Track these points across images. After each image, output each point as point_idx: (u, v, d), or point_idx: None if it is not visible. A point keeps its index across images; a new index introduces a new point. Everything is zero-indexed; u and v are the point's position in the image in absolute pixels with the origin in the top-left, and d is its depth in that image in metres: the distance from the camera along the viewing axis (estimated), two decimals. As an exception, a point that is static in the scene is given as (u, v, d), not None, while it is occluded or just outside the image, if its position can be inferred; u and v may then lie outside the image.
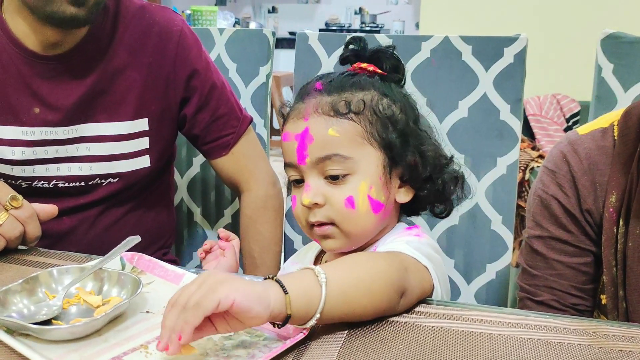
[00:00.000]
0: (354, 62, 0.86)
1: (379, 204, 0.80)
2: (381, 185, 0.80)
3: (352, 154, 0.78)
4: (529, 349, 0.60)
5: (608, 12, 2.84)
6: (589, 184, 0.82)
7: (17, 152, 1.05)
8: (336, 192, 0.78)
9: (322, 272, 0.61)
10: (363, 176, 0.79)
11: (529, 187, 2.23)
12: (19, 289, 0.69)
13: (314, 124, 0.79)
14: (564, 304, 0.85)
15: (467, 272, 1.20)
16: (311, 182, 0.79)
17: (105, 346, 0.61)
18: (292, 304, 0.58)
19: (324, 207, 0.79)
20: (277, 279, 0.59)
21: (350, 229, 0.79)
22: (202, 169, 1.42)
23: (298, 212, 0.82)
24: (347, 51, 0.87)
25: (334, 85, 0.81)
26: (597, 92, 1.17)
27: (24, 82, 1.03)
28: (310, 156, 0.78)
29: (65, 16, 0.93)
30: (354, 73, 0.84)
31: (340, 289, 0.61)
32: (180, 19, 1.13)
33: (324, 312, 0.60)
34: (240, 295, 0.54)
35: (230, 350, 0.60)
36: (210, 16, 4.08)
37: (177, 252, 1.45)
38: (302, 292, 0.59)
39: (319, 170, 0.79)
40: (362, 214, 0.79)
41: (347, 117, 0.79)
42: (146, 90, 1.08)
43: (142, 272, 0.79)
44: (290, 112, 0.84)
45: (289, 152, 0.81)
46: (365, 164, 0.79)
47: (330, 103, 0.79)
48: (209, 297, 0.54)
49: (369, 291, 0.64)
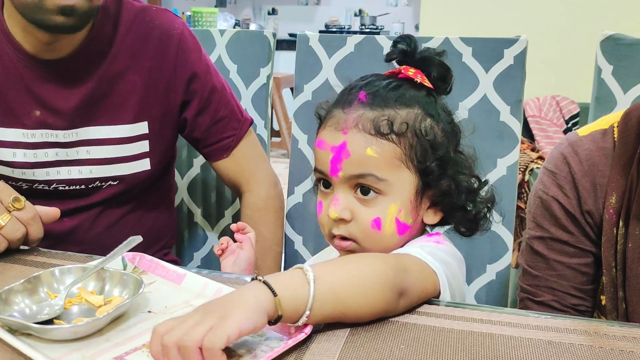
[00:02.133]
0: (401, 63, 0.83)
1: (405, 226, 0.79)
2: (410, 208, 0.79)
3: (387, 176, 0.76)
4: (530, 349, 0.61)
5: (608, 14, 2.85)
6: (589, 185, 0.82)
7: (18, 154, 1.05)
8: (364, 210, 0.77)
9: (310, 270, 0.61)
10: (394, 199, 0.77)
11: (529, 188, 2.23)
12: (21, 288, 0.69)
13: (353, 140, 0.77)
14: (564, 305, 0.86)
15: (467, 273, 1.18)
16: (340, 196, 0.78)
17: (107, 346, 0.61)
18: (282, 305, 0.58)
19: (350, 223, 0.78)
20: (265, 281, 0.59)
21: (371, 248, 0.78)
22: (203, 169, 1.42)
23: (323, 220, 0.81)
24: (395, 51, 0.83)
25: (378, 98, 0.78)
26: (597, 93, 1.17)
27: (24, 84, 1.03)
28: (344, 171, 0.77)
29: (53, 24, 0.93)
30: (399, 84, 0.80)
31: (329, 287, 0.61)
32: (180, 22, 1.13)
33: (314, 310, 0.60)
34: (244, 322, 0.55)
35: (231, 349, 0.60)
36: (210, 18, 4.09)
37: (177, 252, 1.45)
38: (291, 292, 0.59)
39: (350, 185, 0.78)
40: (387, 235, 0.78)
41: (388, 138, 0.76)
42: (147, 94, 1.08)
43: (143, 272, 0.80)
44: (328, 118, 0.81)
45: (322, 160, 0.79)
46: (398, 187, 0.77)
47: (372, 120, 0.76)
48: (216, 339, 0.53)
49: (362, 289, 0.63)
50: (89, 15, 0.97)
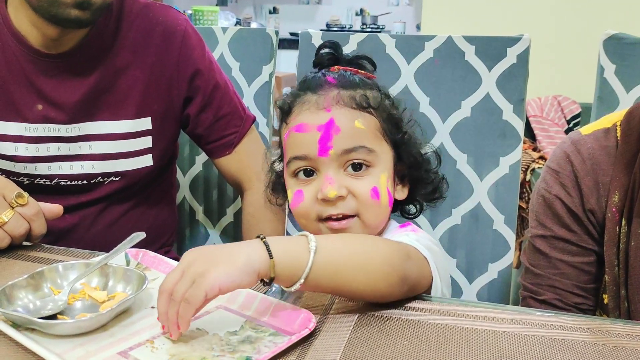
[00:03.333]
0: (329, 65, 0.86)
1: (392, 198, 0.82)
2: (392, 180, 0.83)
3: (375, 147, 0.79)
4: (533, 346, 0.61)
5: (611, 13, 2.85)
6: (592, 184, 0.82)
7: (20, 149, 1.05)
8: (360, 183, 0.79)
9: (314, 240, 0.63)
10: (382, 169, 0.80)
11: (530, 188, 2.23)
12: (25, 284, 0.70)
13: (339, 115, 0.78)
14: (566, 303, 0.86)
15: (469, 271, 1.21)
16: (333, 175, 0.78)
17: (111, 341, 0.61)
18: (275, 268, 0.60)
19: (347, 199, 0.78)
20: (265, 241, 0.61)
21: (372, 220, 0.80)
22: (205, 167, 1.42)
23: (307, 207, 0.80)
24: (323, 55, 0.87)
25: (346, 80, 0.82)
26: (599, 93, 1.17)
27: (27, 78, 1.03)
28: (336, 147, 0.78)
29: (70, 18, 0.93)
30: (353, 73, 0.85)
31: (329, 260, 0.63)
32: (184, 19, 1.13)
33: (309, 279, 0.62)
34: (224, 279, 0.57)
35: (236, 345, 0.60)
36: (211, 16, 4.08)
37: (179, 250, 1.45)
38: (289, 257, 0.61)
39: (340, 162, 0.78)
40: (383, 205, 0.80)
41: (369, 112, 0.80)
42: (149, 90, 1.08)
43: (146, 269, 0.80)
44: (300, 103, 0.82)
45: (306, 143, 0.79)
46: (384, 158, 0.81)
47: (351, 96, 0.80)
48: (195, 293, 0.56)
49: (364, 266, 0.64)
50: (102, 10, 0.97)
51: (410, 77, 1.21)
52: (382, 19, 6.15)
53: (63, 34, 1.00)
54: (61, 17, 0.93)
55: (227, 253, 0.60)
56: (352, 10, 6.38)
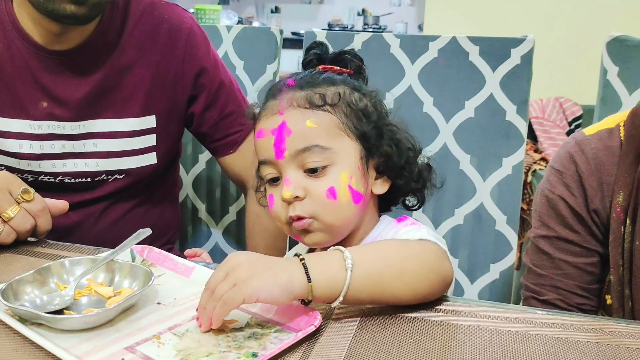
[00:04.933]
0: (317, 65, 0.87)
1: (359, 195, 0.80)
2: (360, 175, 0.80)
3: (331, 144, 0.78)
4: (537, 345, 0.61)
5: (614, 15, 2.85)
6: (596, 184, 0.83)
7: (24, 146, 1.05)
8: (317, 183, 0.78)
9: (350, 257, 0.64)
10: (342, 167, 0.79)
11: (531, 189, 2.24)
12: (31, 279, 0.70)
13: (291, 117, 0.79)
14: (569, 304, 0.86)
15: (471, 271, 1.21)
16: (290, 176, 0.78)
17: (117, 336, 0.61)
18: (314, 291, 0.62)
19: (305, 200, 0.78)
20: (304, 263, 0.62)
21: (331, 220, 0.79)
22: (208, 166, 1.43)
23: (277, 210, 0.81)
24: (309, 55, 0.88)
25: (305, 80, 0.82)
26: (602, 94, 1.17)
27: (31, 75, 1.03)
28: (289, 149, 0.78)
29: (65, 13, 0.93)
30: (322, 71, 0.85)
31: (367, 272, 0.64)
32: (189, 17, 1.14)
33: (348, 295, 0.63)
34: (264, 292, 0.59)
35: (242, 341, 0.60)
36: (213, 15, 4.09)
37: (181, 248, 1.45)
38: (326, 278, 0.63)
39: (298, 163, 0.78)
40: (343, 204, 0.79)
41: (323, 109, 0.79)
42: (154, 88, 1.09)
43: (152, 265, 0.80)
44: (262, 111, 0.83)
45: (265, 148, 0.80)
46: (344, 154, 0.79)
47: (305, 96, 0.80)
48: (234, 296, 0.59)
49: (402, 273, 0.66)
50: (100, 7, 0.97)
51: (414, 77, 1.21)
52: (384, 19, 6.15)
53: (65, 31, 1.00)
54: (57, 12, 0.93)
55: (271, 266, 0.62)
56: (354, 10, 6.38)
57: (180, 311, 0.67)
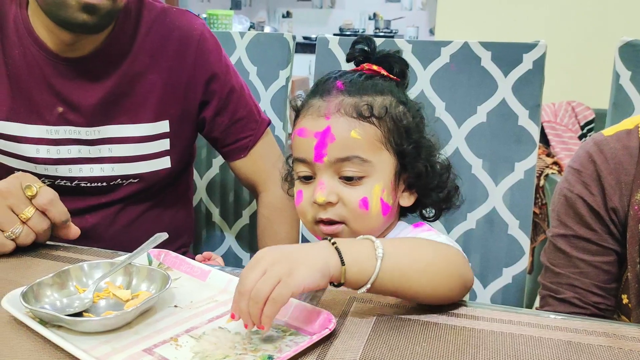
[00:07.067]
0: (361, 62, 0.88)
1: (388, 207, 0.82)
2: (391, 188, 0.82)
3: (371, 157, 0.80)
4: (550, 349, 0.62)
5: (626, 20, 2.84)
6: (614, 183, 0.83)
7: (41, 150, 1.07)
8: (351, 192, 0.80)
9: (380, 247, 0.65)
10: (377, 179, 0.80)
11: (543, 193, 2.23)
12: (51, 282, 0.71)
13: (337, 124, 0.80)
14: (585, 302, 0.86)
15: (483, 275, 1.21)
16: (325, 180, 0.80)
17: (136, 338, 0.63)
18: (346, 274, 0.64)
19: (337, 205, 0.80)
20: (336, 247, 0.64)
21: (359, 229, 0.80)
22: (222, 170, 1.44)
23: (304, 207, 0.83)
24: (355, 50, 0.88)
25: (355, 86, 0.83)
26: (615, 99, 1.17)
27: (46, 81, 1.04)
28: (329, 155, 0.79)
29: (77, 22, 0.94)
30: (370, 75, 0.85)
31: (395, 264, 0.65)
32: (201, 23, 1.15)
33: (375, 284, 0.65)
34: (308, 280, 0.60)
35: (258, 344, 0.61)
36: (226, 20, 4.11)
37: (195, 252, 1.46)
38: (358, 264, 0.64)
39: (335, 169, 0.80)
40: (373, 215, 0.81)
41: (369, 121, 0.80)
42: (167, 93, 1.10)
43: (168, 269, 0.81)
44: (307, 107, 0.84)
45: (305, 148, 0.82)
46: (380, 167, 0.81)
47: (354, 105, 0.80)
48: (282, 292, 0.59)
49: (428, 271, 0.67)
50: (111, 16, 0.99)
51: (426, 82, 1.22)
52: (395, 23, 6.16)
53: (77, 39, 1.01)
54: (69, 20, 0.94)
55: (304, 255, 0.63)
56: (365, 15, 6.39)
57: (197, 314, 0.68)
